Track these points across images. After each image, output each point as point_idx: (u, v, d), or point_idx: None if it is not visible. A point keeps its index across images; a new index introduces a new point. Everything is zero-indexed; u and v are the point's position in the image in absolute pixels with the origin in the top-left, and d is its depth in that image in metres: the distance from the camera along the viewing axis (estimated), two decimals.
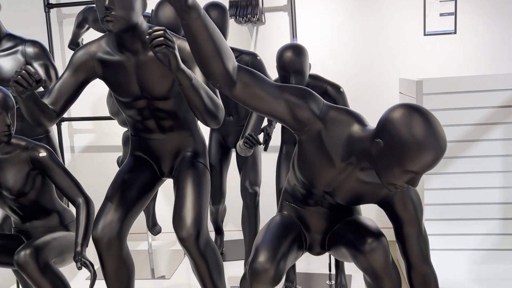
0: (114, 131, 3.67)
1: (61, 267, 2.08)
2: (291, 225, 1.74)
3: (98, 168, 4.02)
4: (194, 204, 1.83)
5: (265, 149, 2.29)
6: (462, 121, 2.72)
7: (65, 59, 3.98)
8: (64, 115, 3.93)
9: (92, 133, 4.07)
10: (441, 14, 3.66)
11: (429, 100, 2.70)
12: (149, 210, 3.32)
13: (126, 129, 2.73)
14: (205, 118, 1.67)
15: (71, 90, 1.83)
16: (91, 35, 3.08)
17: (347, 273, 2.82)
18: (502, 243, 2.77)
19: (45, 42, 3.83)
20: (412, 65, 3.69)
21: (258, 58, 2.79)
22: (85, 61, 1.86)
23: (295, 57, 2.27)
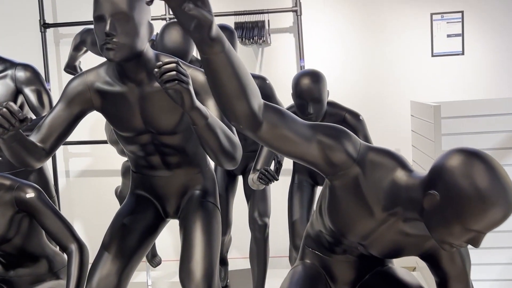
0: (112, 155, 3.50)
1: None
2: (316, 278, 1.56)
3: (95, 194, 3.84)
4: (204, 254, 1.63)
5: (277, 179, 2.13)
6: (481, 146, 2.61)
7: (62, 82, 3.83)
8: None
9: (89, 157, 3.91)
10: (449, 35, 3.60)
11: (447, 125, 2.59)
12: None
13: (126, 159, 2.56)
14: (220, 160, 1.48)
15: (64, 125, 1.60)
16: (89, 58, 2.96)
17: None
18: None
19: (40, 64, 3.68)
20: (421, 87, 3.61)
21: (268, 82, 2.67)
22: (81, 92, 1.64)
23: (313, 84, 2.14)
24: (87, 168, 3.92)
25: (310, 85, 2.15)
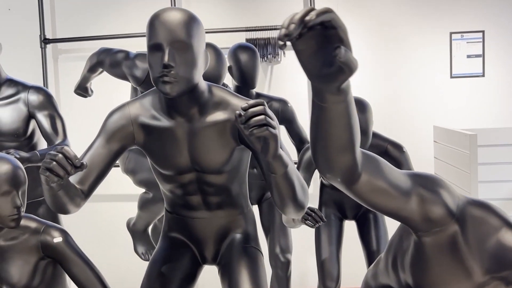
0: (117, 179, 3.27)
1: None
2: None
3: (98, 220, 3.59)
4: None
5: (324, 221, 1.98)
6: None
7: (59, 98, 3.60)
8: None
9: None
10: (468, 56, 3.46)
11: (483, 154, 2.42)
12: None
13: (144, 191, 2.34)
14: (289, 209, 1.34)
15: (103, 164, 1.43)
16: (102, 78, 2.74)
17: None
18: None
19: (40, 80, 3.48)
20: (441, 109, 3.46)
21: (289, 106, 2.50)
22: (123, 127, 1.48)
23: (360, 115, 1.96)
24: (95, 192, 3.67)
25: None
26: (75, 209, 1.40)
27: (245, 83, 2.37)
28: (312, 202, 2.53)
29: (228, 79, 2.61)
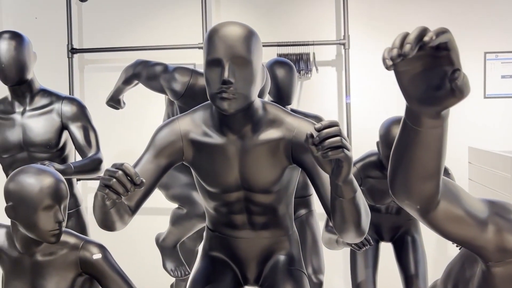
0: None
1: None
2: None
3: (115, 234, 3.52)
4: None
5: (371, 244, 1.90)
6: None
7: None
8: None
9: None
10: (503, 76, 3.38)
11: None
12: None
13: (177, 206, 2.28)
14: (350, 233, 1.28)
15: (151, 180, 1.38)
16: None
17: None
18: None
19: (66, 89, 3.44)
20: (475, 130, 3.37)
21: None
22: (173, 143, 1.43)
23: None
24: None
25: None
26: (122, 227, 1.35)
27: (281, 99, 2.32)
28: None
29: None
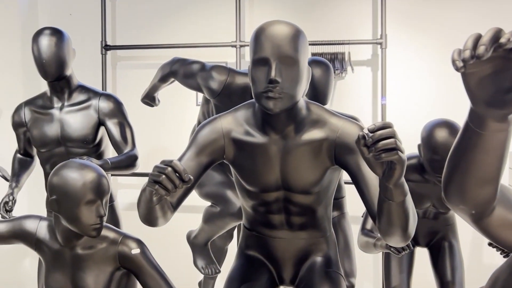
0: None
1: None
2: None
3: (144, 230, 3.55)
4: None
5: (411, 248, 1.86)
6: None
7: None
8: None
9: (138, 190, 3.63)
10: None
11: None
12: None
13: (210, 204, 2.28)
14: (394, 238, 1.25)
15: (192, 177, 1.39)
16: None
17: None
18: None
19: (99, 86, 3.49)
20: None
21: (360, 124, 2.38)
22: (214, 141, 1.44)
23: (453, 138, 1.85)
24: (136, 201, 3.64)
25: (449, 139, 1.84)
26: (164, 223, 1.36)
27: (317, 99, 2.28)
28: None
29: None
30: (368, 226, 2.02)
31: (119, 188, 3.67)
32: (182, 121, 3.45)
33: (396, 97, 3.30)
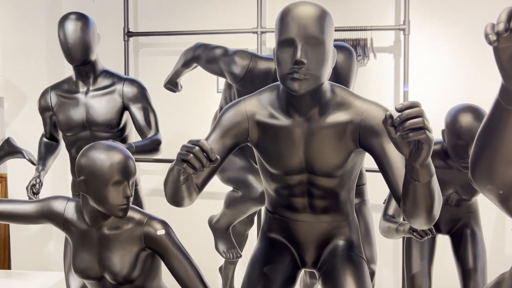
0: None
1: None
2: None
3: (167, 215, 3.60)
4: None
5: (434, 234, 1.85)
6: None
7: None
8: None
9: (161, 176, 3.68)
10: None
11: None
12: (228, 273, 2.86)
13: (232, 189, 2.30)
14: (418, 219, 1.25)
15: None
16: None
17: None
18: None
19: (121, 72, 3.52)
20: None
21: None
22: (239, 124, 1.45)
23: (477, 123, 1.83)
24: (158, 187, 3.69)
25: (474, 124, 1.82)
26: (189, 204, 1.38)
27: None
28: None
29: None
30: (390, 212, 2.02)
31: (142, 174, 3.72)
32: (204, 108, 3.47)
33: (419, 84, 3.26)
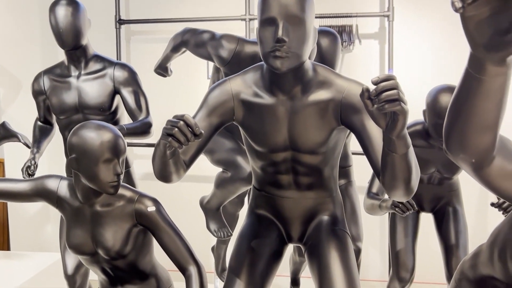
0: None
1: None
2: None
3: (160, 198, 3.65)
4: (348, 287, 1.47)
5: (415, 208, 1.88)
6: None
7: None
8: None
9: None
10: None
11: None
12: (221, 252, 2.93)
13: (222, 170, 2.36)
14: (397, 191, 1.30)
15: (203, 137, 1.46)
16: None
17: None
18: None
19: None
20: None
21: None
22: (224, 102, 1.49)
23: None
24: (151, 171, 3.75)
25: None
26: (177, 179, 1.43)
27: None
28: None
29: None
30: (374, 190, 2.09)
31: (135, 159, 3.78)
32: (194, 94, 3.53)
33: (403, 70, 3.33)
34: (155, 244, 1.70)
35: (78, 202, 1.65)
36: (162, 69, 2.51)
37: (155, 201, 1.65)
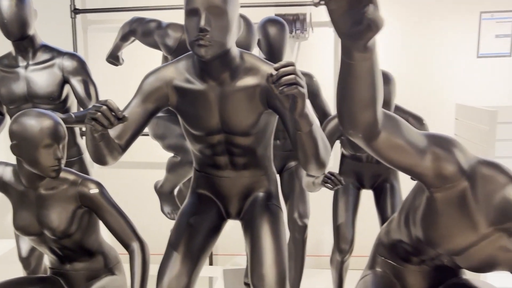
0: (144, 147, 3.39)
1: None
2: (390, 287, 1.49)
3: (129, 186, 3.73)
4: (276, 259, 1.58)
5: (343, 184, 1.99)
6: None
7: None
8: None
9: None
10: (497, 36, 3.43)
11: (503, 130, 2.45)
12: None
13: (172, 155, 2.45)
14: (311, 166, 1.42)
15: (139, 122, 1.53)
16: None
17: None
18: None
19: (70, 49, 3.56)
20: (465, 88, 3.45)
21: (315, 80, 2.55)
22: (158, 89, 1.57)
23: (384, 86, 2.00)
24: (122, 159, 3.80)
25: None
26: (113, 162, 1.51)
27: (273, 57, 2.42)
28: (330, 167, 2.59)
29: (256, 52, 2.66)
30: None
31: None
32: None
33: None
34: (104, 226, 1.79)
35: (23, 186, 1.72)
36: (114, 58, 2.57)
37: (98, 184, 1.73)
